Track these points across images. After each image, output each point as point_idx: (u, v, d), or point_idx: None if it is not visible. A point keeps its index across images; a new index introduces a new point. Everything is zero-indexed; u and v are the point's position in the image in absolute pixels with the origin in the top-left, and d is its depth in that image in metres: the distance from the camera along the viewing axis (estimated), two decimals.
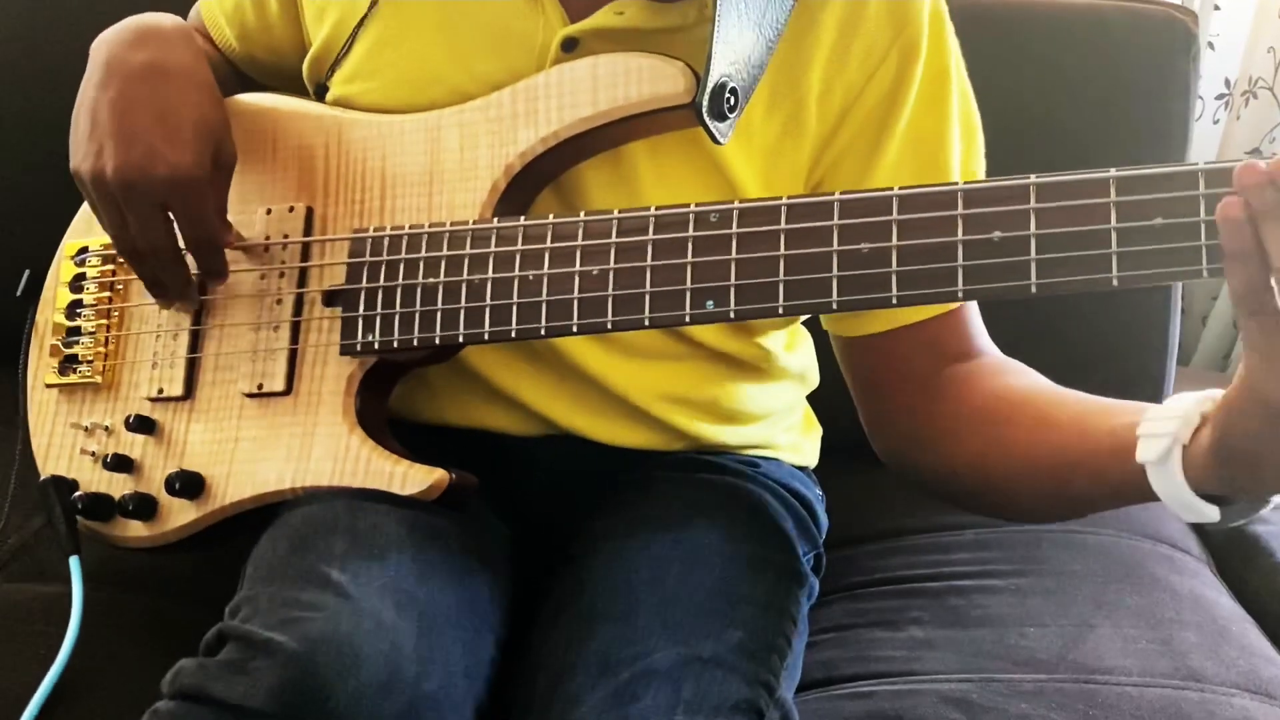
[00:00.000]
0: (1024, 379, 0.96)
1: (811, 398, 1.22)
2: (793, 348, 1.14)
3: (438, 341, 0.94)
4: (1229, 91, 2.07)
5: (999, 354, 1.00)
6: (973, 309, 1.00)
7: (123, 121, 0.96)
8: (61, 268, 1.11)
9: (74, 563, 1.01)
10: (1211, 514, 0.77)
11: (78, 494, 1.04)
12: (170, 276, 1.00)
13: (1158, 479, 0.77)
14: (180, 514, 1.01)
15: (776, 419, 1.14)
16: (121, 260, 1.06)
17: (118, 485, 1.04)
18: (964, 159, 1.00)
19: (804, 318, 1.15)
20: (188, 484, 0.99)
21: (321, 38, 1.05)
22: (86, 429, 1.06)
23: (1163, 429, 0.77)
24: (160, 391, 1.03)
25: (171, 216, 0.97)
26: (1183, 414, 0.76)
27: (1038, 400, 0.92)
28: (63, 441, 1.08)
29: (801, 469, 1.18)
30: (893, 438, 1.03)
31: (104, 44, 1.02)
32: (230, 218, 1.01)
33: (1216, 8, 2.03)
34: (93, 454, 1.05)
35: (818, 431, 1.24)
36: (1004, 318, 1.06)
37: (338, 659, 0.79)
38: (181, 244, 0.98)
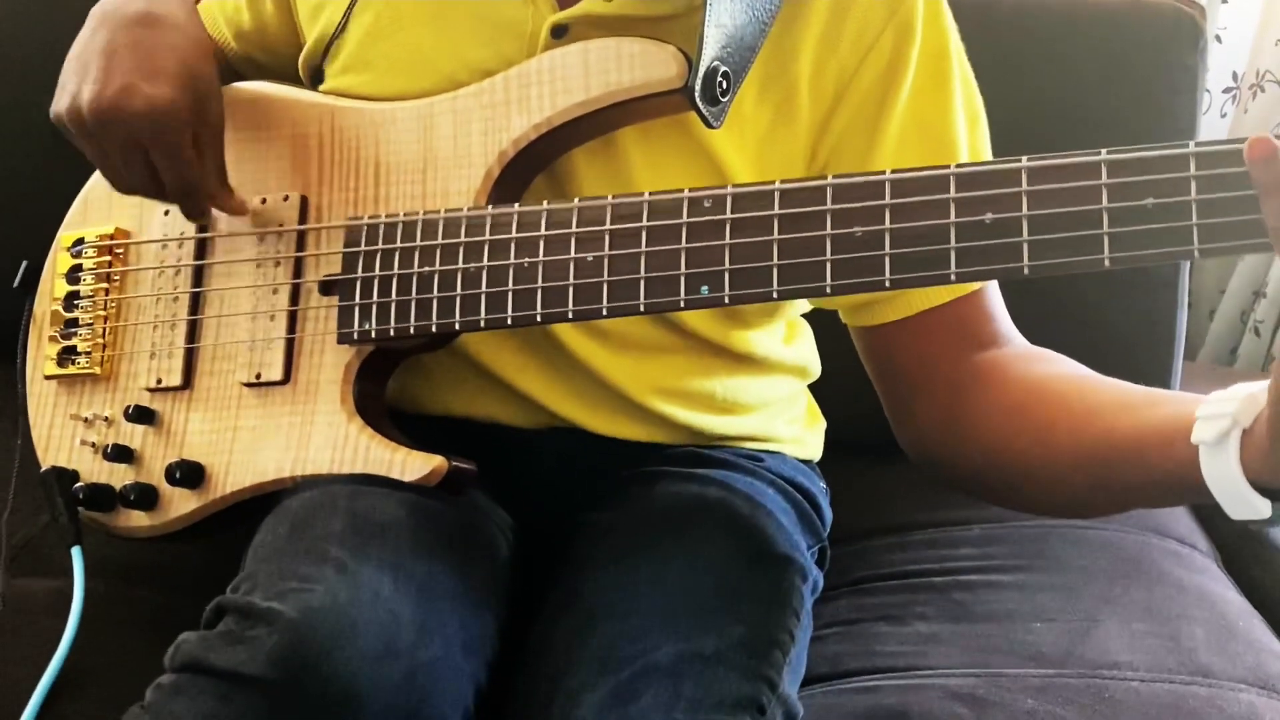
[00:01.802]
0: (1062, 366, 0.93)
1: (817, 391, 1.21)
2: (791, 341, 1.13)
3: (435, 329, 0.93)
4: (1236, 85, 2.05)
5: (1026, 342, 0.98)
6: (993, 292, 0.98)
7: (106, 62, 0.96)
8: (58, 259, 1.11)
9: (76, 553, 1.01)
10: (1263, 508, 0.72)
11: (79, 485, 1.04)
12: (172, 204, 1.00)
13: (1210, 464, 0.73)
14: (181, 503, 1.01)
15: (776, 410, 1.13)
16: (119, 252, 1.07)
17: (118, 475, 1.04)
18: (970, 141, 0.99)
19: (805, 309, 1.14)
20: (188, 473, 1.00)
21: (315, 33, 1.05)
22: (86, 420, 1.06)
23: (1223, 409, 0.73)
24: (159, 382, 1.03)
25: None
26: (1246, 395, 0.72)
27: (1083, 389, 0.88)
28: (63, 433, 1.08)
29: (805, 462, 1.17)
30: (922, 430, 1.00)
31: (100, 5, 1.03)
32: None
33: (1224, 1, 2.01)
34: (93, 445, 1.05)
35: (821, 424, 1.23)
36: (1009, 309, 1.04)
37: (335, 627, 0.79)
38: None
